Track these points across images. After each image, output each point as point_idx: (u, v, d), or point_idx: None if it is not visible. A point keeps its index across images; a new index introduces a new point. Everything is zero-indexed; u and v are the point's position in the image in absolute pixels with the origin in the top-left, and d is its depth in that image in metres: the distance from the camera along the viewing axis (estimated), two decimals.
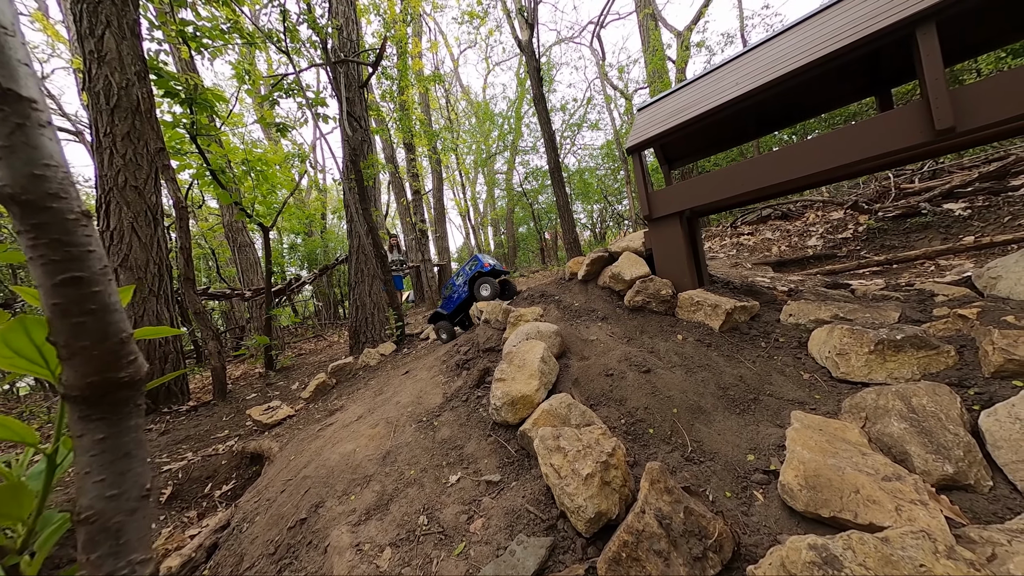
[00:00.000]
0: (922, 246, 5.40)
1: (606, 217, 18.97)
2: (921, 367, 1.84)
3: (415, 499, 1.89)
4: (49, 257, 0.44)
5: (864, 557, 0.95)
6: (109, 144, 4.66)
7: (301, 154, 8.38)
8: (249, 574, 1.78)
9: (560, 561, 1.39)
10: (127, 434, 0.51)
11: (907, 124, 2.21)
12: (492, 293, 4.23)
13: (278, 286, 8.67)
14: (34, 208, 0.44)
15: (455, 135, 17.72)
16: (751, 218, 9.32)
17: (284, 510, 2.13)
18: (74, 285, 0.46)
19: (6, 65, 0.43)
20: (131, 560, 0.47)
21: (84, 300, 0.46)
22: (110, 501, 0.47)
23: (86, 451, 0.48)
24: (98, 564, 0.45)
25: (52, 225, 0.44)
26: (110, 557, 0.46)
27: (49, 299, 0.45)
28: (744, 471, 1.64)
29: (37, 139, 0.44)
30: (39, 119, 0.45)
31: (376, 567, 1.55)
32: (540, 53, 10.06)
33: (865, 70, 3.26)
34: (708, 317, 2.79)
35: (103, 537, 0.46)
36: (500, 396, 2.21)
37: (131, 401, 0.52)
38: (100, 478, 0.47)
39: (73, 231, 0.46)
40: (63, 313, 0.45)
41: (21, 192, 0.43)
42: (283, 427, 3.77)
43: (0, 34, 0.43)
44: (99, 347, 0.47)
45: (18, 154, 0.43)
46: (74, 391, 0.47)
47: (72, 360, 0.46)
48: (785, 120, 3.92)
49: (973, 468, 1.32)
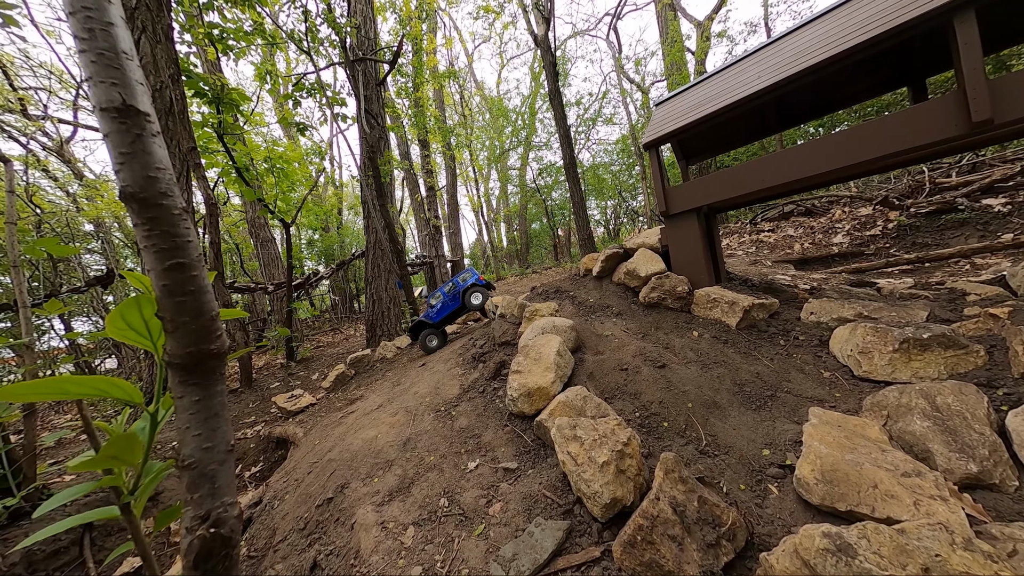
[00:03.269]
0: (957, 244, 5.16)
1: (620, 213, 18.75)
2: (948, 367, 1.81)
3: (435, 483, 1.99)
4: (160, 246, 0.53)
5: (879, 546, 0.97)
6: None
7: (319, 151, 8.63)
8: (282, 546, 1.92)
9: (577, 544, 1.46)
10: (215, 397, 0.60)
11: (940, 116, 2.15)
12: (483, 300, 4.54)
13: (298, 280, 8.99)
14: (149, 205, 0.52)
15: (469, 131, 17.80)
16: (772, 214, 9.06)
17: (312, 490, 2.27)
18: (179, 270, 0.54)
19: (128, 85, 0.51)
20: (224, 501, 0.56)
21: (186, 282, 0.55)
22: (206, 452, 0.56)
23: (186, 410, 0.57)
24: (200, 502, 0.54)
25: (162, 219, 0.53)
26: (208, 497, 0.55)
27: (159, 281, 0.54)
28: (759, 465, 1.66)
29: (151, 147, 0.53)
30: (152, 130, 0.53)
31: (400, 543, 1.65)
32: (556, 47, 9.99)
33: (897, 60, 3.14)
34: (725, 314, 2.78)
35: (202, 480, 0.55)
36: (516, 388, 2.28)
37: (217, 370, 0.61)
38: (197, 432, 0.56)
39: (177, 224, 0.55)
40: (170, 293, 0.54)
41: (140, 191, 0.52)
42: (306, 414, 3.96)
43: (123, 59, 0.52)
44: (196, 322, 0.56)
45: (137, 159, 0.52)
46: (176, 359, 0.56)
47: (175, 333, 0.55)
48: (810, 114, 3.81)
49: (999, 468, 1.31)
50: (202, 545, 0.53)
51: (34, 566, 2.19)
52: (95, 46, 0.50)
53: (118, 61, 0.51)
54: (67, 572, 2.29)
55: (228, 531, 0.56)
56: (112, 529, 2.56)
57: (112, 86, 0.50)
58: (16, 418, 2.35)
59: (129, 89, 0.51)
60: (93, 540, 2.45)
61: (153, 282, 0.54)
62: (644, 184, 15.87)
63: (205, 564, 0.53)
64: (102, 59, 0.50)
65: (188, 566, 0.53)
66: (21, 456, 2.42)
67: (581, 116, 18.64)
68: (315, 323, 11.10)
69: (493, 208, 23.28)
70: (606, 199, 18.71)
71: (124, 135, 0.51)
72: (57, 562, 2.28)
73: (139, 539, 0.60)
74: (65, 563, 2.30)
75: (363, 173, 6.43)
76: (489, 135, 19.31)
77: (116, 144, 0.51)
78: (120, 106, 0.50)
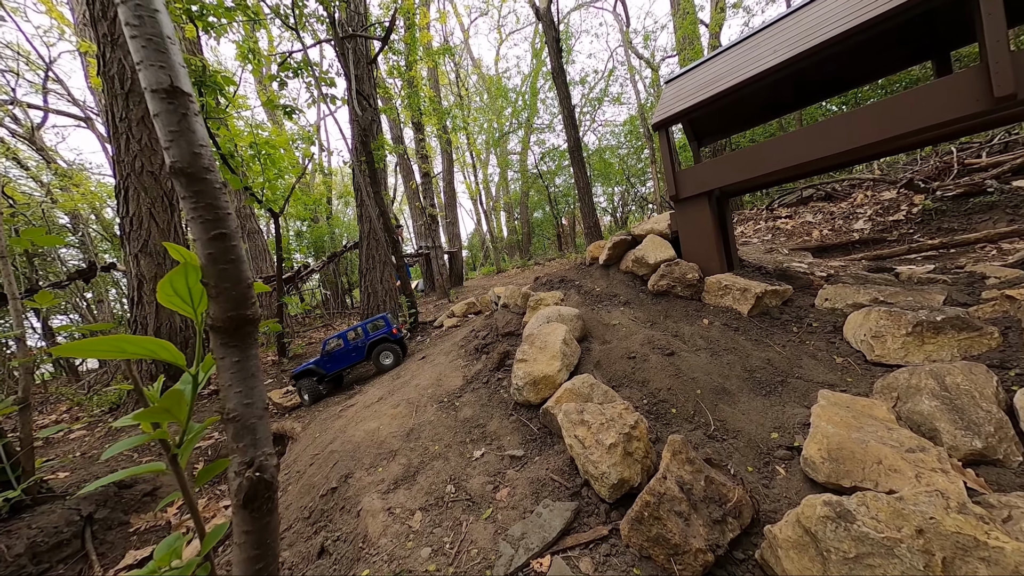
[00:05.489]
0: (984, 228, 5.22)
1: (628, 200, 18.73)
2: (962, 349, 1.90)
3: (441, 471, 2.10)
4: (205, 217, 0.62)
5: (877, 511, 1.08)
6: (125, 129, 4.98)
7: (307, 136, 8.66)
8: (288, 534, 2.05)
9: (585, 524, 1.57)
10: (251, 360, 0.69)
11: (961, 92, 2.20)
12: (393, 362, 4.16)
13: (288, 274, 9.09)
14: (194, 179, 0.61)
15: (466, 113, 17.72)
16: (790, 199, 9.09)
17: (315, 480, 2.39)
18: (221, 239, 0.63)
19: (173, 68, 0.60)
20: (264, 451, 0.66)
21: (227, 251, 0.64)
22: (247, 408, 0.66)
23: (227, 369, 0.66)
24: (244, 450, 0.64)
25: (206, 192, 0.62)
26: (251, 447, 0.65)
27: (204, 250, 0.63)
28: (767, 448, 1.77)
29: (195, 125, 0.61)
30: (194, 109, 0.62)
31: (408, 527, 1.77)
32: (559, 21, 9.92)
33: (919, 32, 3.17)
34: (736, 301, 2.87)
35: (244, 432, 0.65)
36: (522, 376, 2.38)
37: (252, 335, 0.70)
38: (239, 390, 0.66)
39: (219, 197, 0.63)
40: (214, 260, 0.63)
41: (187, 166, 0.60)
42: (302, 409, 4.09)
43: (168, 43, 0.60)
44: (236, 289, 0.65)
45: (185, 137, 0.60)
46: (219, 323, 0.65)
47: (218, 298, 0.65)
48: (829, 90, 3.85)
49: (1003, 444, 1.41)
50: (249, 487, 0.63)
51: (38, 557, 2.33)
52: (144, 32, 0.58)
53: (164, 45, 0.59)
54: (70, 564, 2.43)
55: (269, 476, 0.65)
56: (113, 523, 2.69)
57: (160, 69, 0.59)
58: (12, 410, 2.46)
59: (175, 71, 0.60)
60: (95, 533, 2.59)
61: (199, 251, 0.63)
62: (654, 168, 15.83)
63: (251, 504, 0.63)
64: (151, 44, 0.58)
65: (238, 504, 0.63)
66: (18, 451, 2.54)
67: (586, 96, 18.53)
68: (306, 319, 11.23)
69: (492, 196, 23.26)
70: (613, 185, 18.69)
71: (172, 115, 0.59)
72: (60, 554, 2.41)
73: (185, 489, 0.71)
74: (68, 555, 2.43)
75: (355, 158, 6.48)
76: (488, 117, 19.21)
77: (165, 123, 0.59)
78: (168, 87, 0.59)
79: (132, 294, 5.01)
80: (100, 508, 2.68)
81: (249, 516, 0.63)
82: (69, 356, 0.60)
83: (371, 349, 4.23)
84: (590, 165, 16.63)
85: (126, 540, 2.65)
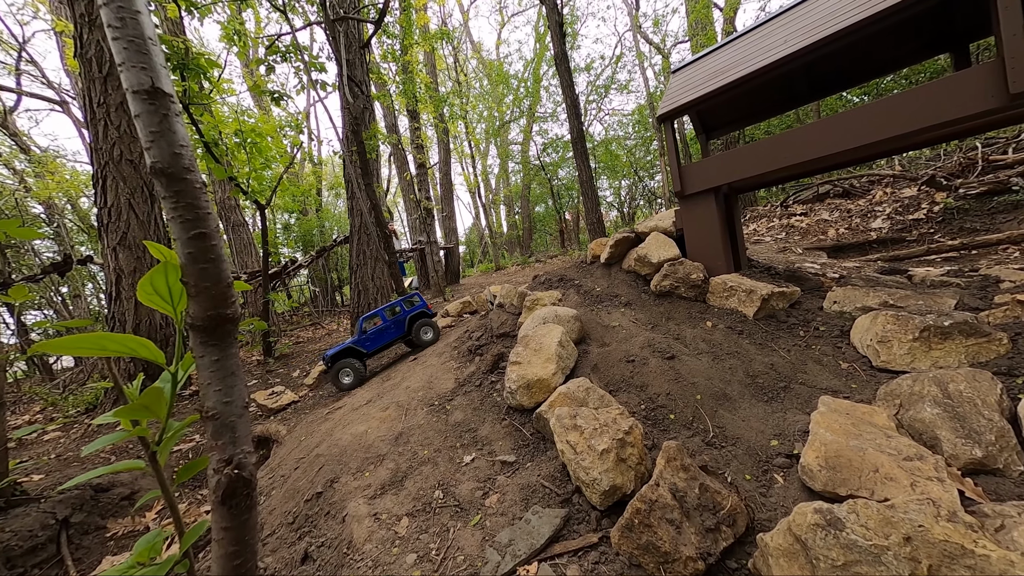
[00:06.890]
0: (1008, 229, 5.25)
1: (635, 195, 18.75)
2: (969, 355, 1.94)
3: (430, 476, 2.15)
4: (185, 217, 0.66)
5: (866, 519, 1.12)
6: (103, 115, 5.02)
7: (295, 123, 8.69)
8: (271, 540, 2.10)
9: (575, 531, 1.62)
10: (231, 358, 0.74)
11: (975, 88, 2.24)
12: (434, 336, 4.45)
13: (275, 269, 9.14)
14: (175, 179, 0.65)
15: (464, 100, 17.72)
16: (806, 196, 9.12)
17: (299, 485, 2.45)
18: (201, 239, 0.68)
19: (155, 69, 0.64)
20: (243, 449, 0.70)
21: (207, 251, 0.68)
22: (226, 405, 0.71)
23: (207, 368, 0.71)
24: (223, 448, 0.69)
25: (186, 192, 0.66)
26: (230, 444, 0.69)
27: (184, 249, 0.67)
28: (766, 456, 1.81)
29: (175, 126, 0.65)
30: (175, 110, 0.66)
31: (394, 533, 1.82)
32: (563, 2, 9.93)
33: (936, 22, 3.20)
34: (742, 303, 2.91)
35: (224, 430, 0.69)
36: (515, 379, 2.43)
37: (232, 334, 0.74)
38: (218, 388, 0.70)
39: (199, 197, 0.68)
40: (194, 260, 0.68)
41: (168, 167, 0.65)
42: (288, 412, 4.15)
43: (149, 44, 0.64)
44: (215, 288, 0.70)
45: (165, 137, 0.64)
46: (198, 322, 0.70)
47: (198, 297, 0.69)
48: (846, 81, 3.88)
49: (1004, 453, 1.46)
50: (228, 484, 0.67)
51: (12, 562, 2.39)
52: (126, 33, 0.62)
53: (146, 47, 0.64)
54: (45, 569, 2.49)
55: (248, 474, 0.70)
56: (89, 527, 2.75)
57: (142, 70, 0.63)
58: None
59: (156, 72, 0.64)
60: (71, 538, 2.64)
61: (178, 250, 0.68)
62: (663, 161, 15.84)
63: (230, 501, 0.68)
64: (132, 45, 0.63)
65: (216, 501, 0.67)
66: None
67: (592, 83, 18.52)
68: (293, 317, 11.29)
69: (492, 188, 23.28)
70: (620, 178, 18.70)
71: (153, 115, 0.64)
72: (35, 559, 2.47)
73: (164, 486, 0.75)
74: (43, 560, 2.49)
75: (346, 148, 6.51)
76: (487, 104, 19.20)
77: (146, 124, 0.63)
78: (149, 88, 0.63)
79: (110, 289, 5.06)
80: (76, 512, 2.73)
81: (228, 513, 0.68)
82: (47, 353, 0.63)
83: (411, 324, 4.40)
84: (595, 157, 16.65)
85: (103, 545, 2.70)
